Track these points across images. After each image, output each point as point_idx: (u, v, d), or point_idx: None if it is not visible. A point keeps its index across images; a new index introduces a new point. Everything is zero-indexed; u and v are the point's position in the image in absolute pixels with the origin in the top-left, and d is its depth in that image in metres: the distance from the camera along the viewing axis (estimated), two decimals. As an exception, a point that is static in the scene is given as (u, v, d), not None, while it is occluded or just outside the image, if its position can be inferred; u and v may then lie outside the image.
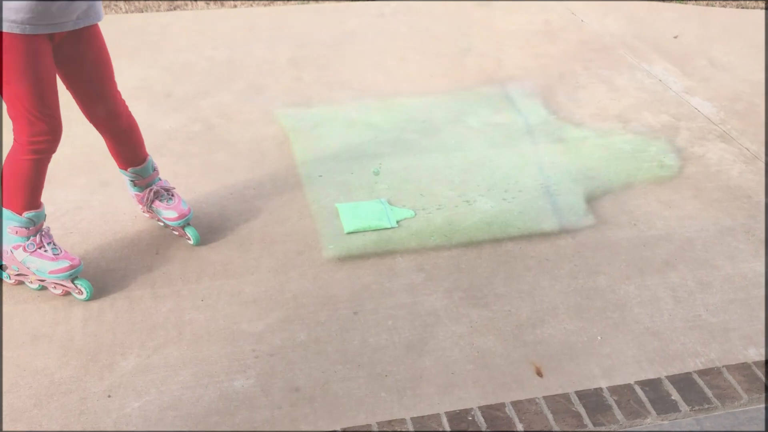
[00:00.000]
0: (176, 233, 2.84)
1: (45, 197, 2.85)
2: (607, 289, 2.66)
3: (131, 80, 4.07)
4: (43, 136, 2.28)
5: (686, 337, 2.46)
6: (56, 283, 2.50)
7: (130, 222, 2.90)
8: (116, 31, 4.75)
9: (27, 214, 2.41)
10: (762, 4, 5.61)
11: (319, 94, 4.01)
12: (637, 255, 2.83)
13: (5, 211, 2.42)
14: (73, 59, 2.34)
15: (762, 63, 4.52)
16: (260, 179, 3.23)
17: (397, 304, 2.56)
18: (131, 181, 2.74)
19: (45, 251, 2.47)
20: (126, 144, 2.64)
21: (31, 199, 2.41)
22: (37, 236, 2.48)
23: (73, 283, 2.49)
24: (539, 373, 2.31)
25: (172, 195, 2.79)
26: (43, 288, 2.54)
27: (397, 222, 2.97)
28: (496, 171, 3.34)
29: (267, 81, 4.14)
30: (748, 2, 5.64)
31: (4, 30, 2.10)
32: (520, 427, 2.12)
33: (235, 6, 5.36)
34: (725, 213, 3.09)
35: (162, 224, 2.86)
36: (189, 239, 2.81)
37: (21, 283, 2.56)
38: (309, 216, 3.00)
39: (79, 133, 3.48)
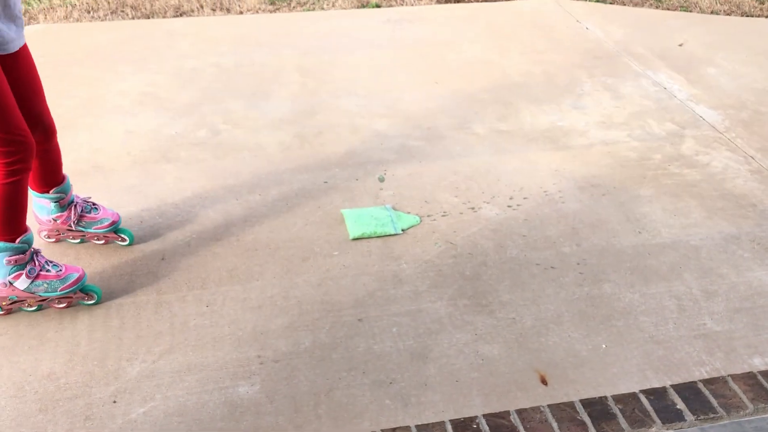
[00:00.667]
0: (101, 242, 2.80)
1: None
2: (612, 297, 2.66)
3: (137, 86, 4.09)
4: (18, 155, 2.25)
5: (691, 346, 2.45)
6: (61, 298, 2.47)
7: (135, 227, 2.91)
8: (123, 37, 4.78)
9: (21, 239, 2.37)
10: (767, 13, 5.61)
11: (324, 101, 4.02)
12: (642, 263, 2.83)
13: None
14: (13, 80, 2.29)
15: (767, 71, 4.52)
16: (265, 185, 3.24)
17: (402, 311, 2.56)
18: (56, 202, 2.65)
19: (48, 271, 2.44)
20: (54, 161, 2.59)
21: (20, 223, 2.37)
22: (34, 260, 2.44)
23: (83, 292, 2.49)
24: (544, 381, 2.30)
25: (95, 204, 2.77)
26: (41, 308, 2.49)
27: (402, 229, 2.97)
28: (501, 178, 3.34)
29: (272, 87, 4.16)
30: (752, 10, 5.64)
31: None
32: (524, 435, 2.12)
33: (241, 13, 5.38)
34: (730, 221, 3.09)
35: (77, 240, 2.79)
36: (123, 241, 2.80)
37: (10, 312, 2.48)
38: (314, 222, 3.01)
39: (84, 141, 3.50)
